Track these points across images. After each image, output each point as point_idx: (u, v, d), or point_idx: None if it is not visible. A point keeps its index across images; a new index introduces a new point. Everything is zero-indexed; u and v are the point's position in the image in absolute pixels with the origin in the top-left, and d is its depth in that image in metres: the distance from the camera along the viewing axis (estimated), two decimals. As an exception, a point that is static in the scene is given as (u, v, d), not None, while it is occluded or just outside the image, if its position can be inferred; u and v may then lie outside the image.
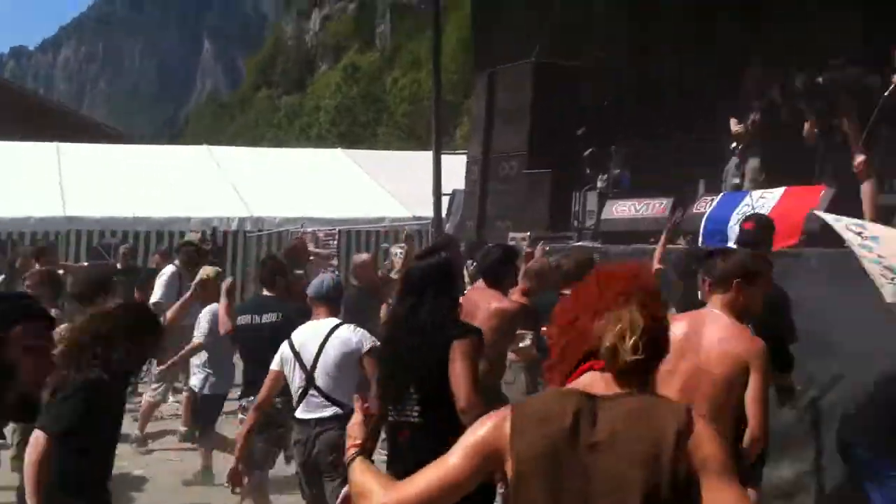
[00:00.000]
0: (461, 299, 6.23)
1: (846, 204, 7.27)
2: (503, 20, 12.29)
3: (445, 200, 12.99)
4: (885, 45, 7.57)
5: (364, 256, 9.13)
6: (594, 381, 2.20)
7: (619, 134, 10.48)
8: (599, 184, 10.19)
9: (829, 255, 6.43)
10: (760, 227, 5.98)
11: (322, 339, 5.15)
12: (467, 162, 12.71)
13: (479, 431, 2.19)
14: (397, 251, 10.11)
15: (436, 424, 3.82)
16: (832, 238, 5.55)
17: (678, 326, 4.19)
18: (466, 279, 7.85)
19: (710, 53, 10.12)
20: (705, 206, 8.40)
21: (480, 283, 6.00)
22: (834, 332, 5.69)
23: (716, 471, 2.08)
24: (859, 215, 7.12)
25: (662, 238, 7.04)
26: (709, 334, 4.01)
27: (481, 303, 5.63)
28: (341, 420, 4.77)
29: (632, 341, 2.14)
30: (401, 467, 3.53)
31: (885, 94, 7.41)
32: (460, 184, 12.86)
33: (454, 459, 2.17)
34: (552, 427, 2.12)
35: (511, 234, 10.36)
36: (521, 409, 2.20)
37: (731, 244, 7.52)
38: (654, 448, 2.08)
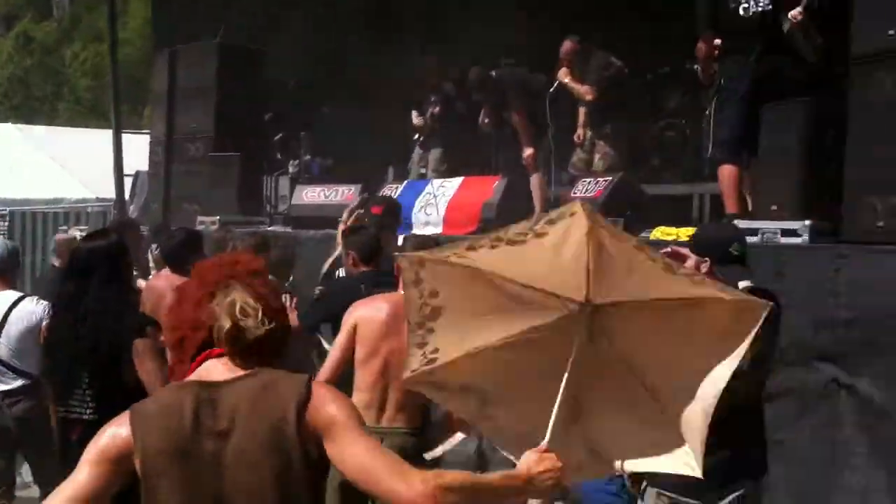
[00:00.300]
0: (146, 286, 6.11)
1: (517, 194, 7.87)
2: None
3: (129, 182, 12.46)
4: (551, 48, 8.27)
5: (68, 235, 8.63)
6: (213, 369, 2.17)
7: (309, 119, 10.57)
8: (290, 169, 10.24)
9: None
10: (388, 210, 6.38)
11: (3, 313, 5.04)
12: (150, 142, 12.24)
13: (100, 440, 2.13)
14: (77, 234, 9.60)
15: None
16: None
17: (382, 308, 4.38)
18: (152, 264, 7.66)
19: (391, 44, 10.46)
20: (391, 193, 8.71)
21: (166, 270, 5.88)
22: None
23: (339, 427, 2.10)
24: (530, 204, 7.75)
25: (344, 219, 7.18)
26: None
27: (167, 290, 5.51)
28: (28, 391, 4.86)
29: (253, 316, 2.13)
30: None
31: (550, 90, 8.10)
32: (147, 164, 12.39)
33: (82, 475, 2.10)
34: (173, 422, 2.09)
35: (199, 218, 10.15)
36: (139, 409, 2.15)
37: (416, 230, 7.92)
38: (277, 425, 2.08)
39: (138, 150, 12.14)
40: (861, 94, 5.35)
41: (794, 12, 6.63)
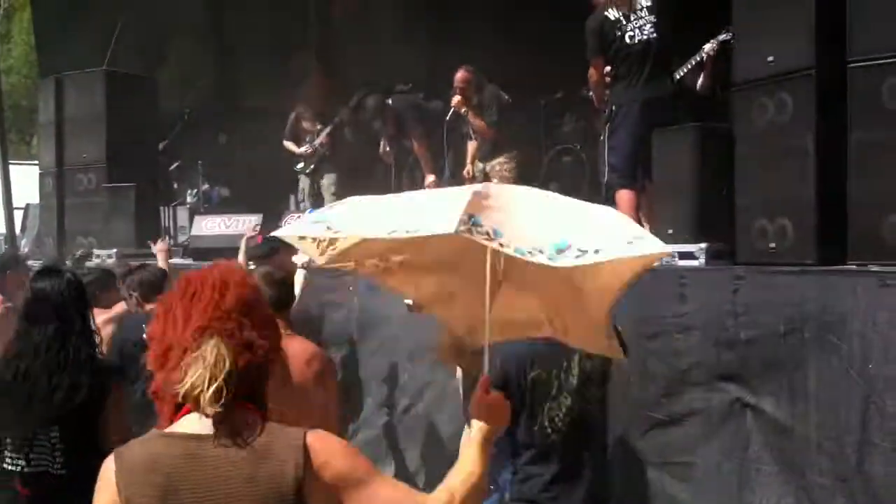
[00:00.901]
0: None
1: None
2: (70, 25, 11.61)
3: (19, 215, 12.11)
4: (447, 75, 8.39)
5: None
6: (199, 421, 2.12)
7: (206, 148, 10.46)
8: (189, 199, 10.12)
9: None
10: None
11: None
12: (40, 174, 11.90)
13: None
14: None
15: (83, 476, 3.63)
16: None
17: None
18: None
19: (286, 70, 10.46)
20: (294, 221, 8.68)
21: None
22: (423, 339, 5.95)
23: (351, 482, 2.11)
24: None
25: (241, 250, 7.14)
26: None
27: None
28: None
29: (212, 389, 2.05)
30: None
31: (447, 118, 8.22)
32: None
33: None
34: (160, 475, 2.06)
35: (96, 252, 9.95)
36: (124, 460, 2.13)
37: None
38: (276, 490, 2.06)
39: (29, 180, 11.78)
40: (744, 119, 5.63)
41: (709, 47, 7.00)
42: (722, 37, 7.01)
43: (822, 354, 4.62)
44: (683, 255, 5.70)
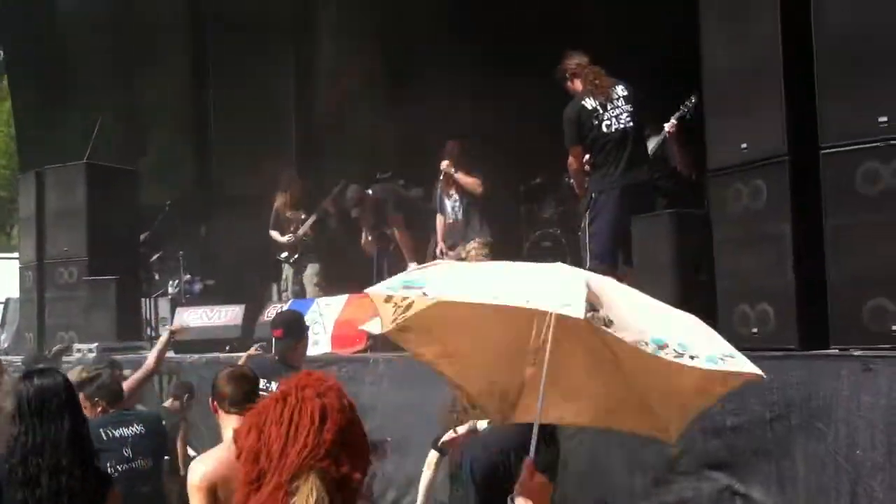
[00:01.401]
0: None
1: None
2: (51, 119, 11.71)
3: (-2, 310, 12.04)
4: (428, 161, 8.48)
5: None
6: None
7: (186, 239, 10.48)
8: (170, 290, 10.09)
9: (395, 361, 6.87)
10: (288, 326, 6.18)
11: None
12: (20, 268, 11.87)
13: None
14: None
15: None
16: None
17: (232, 464, 4.23)
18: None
19: (265, 162, 10.54)
20: (275, 313, 8.66)
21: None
22: (410, 432, 6.09)
23: None
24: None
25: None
26: None
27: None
28: None
29: None
30: None
31: (438, 179, 8.27)
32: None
33: None
34: None
35: (76, 346, 9.87)
36: None
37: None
38: None
39: (9, 273, 11.74)
40: (720, 204, 5.71)
41: (669, 125, 7.11)
42: (678, 113, 7.15)
43: (808, 440, 4.63)
44: (666, 341, 5.70)
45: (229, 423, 3.92)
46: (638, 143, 6.70)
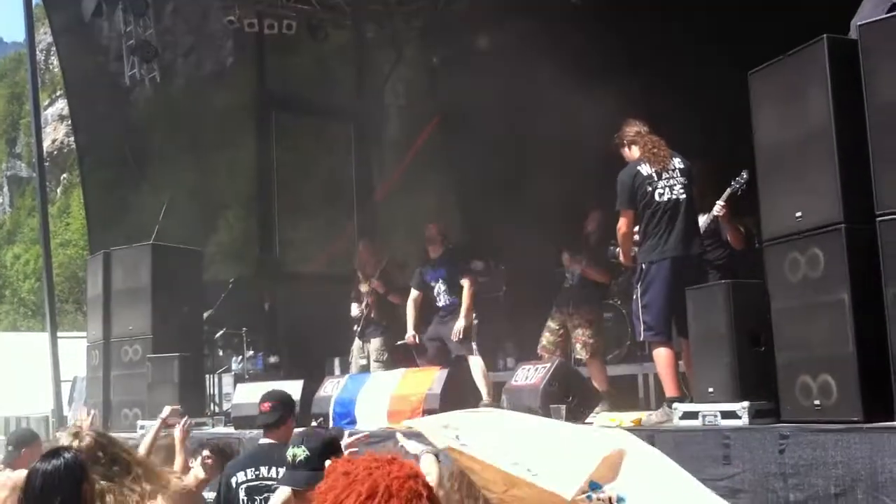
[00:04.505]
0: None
1: (460, 383, 7.95)
2: (120, 202, 12.09)
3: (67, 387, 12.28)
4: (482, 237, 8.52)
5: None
6: None
7: (250, 315, 10.63)
8: (234, 366, 10.21)
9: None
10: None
11: None
12: (87, 347, 12.14)
13: None
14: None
15: None
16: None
17: None
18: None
19: (328, 236, 10.72)
20: (332, 388, 8.70)
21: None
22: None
23: None
24: (475, 392, 7.82)
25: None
26: None
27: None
28: None
29: None
30: None
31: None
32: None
33: None
34: None
35: (140, 423, 10.00)
36: None
37: (360, 424, 7.91)
38: None
39: (77, 353, 11.99)
40: (777, 274, 5.62)
41: (717, 208, 7.03)
42: (730, 190, 7.08)
43: (875, 516, 4.45)
44: (726, 415, 5.60)
45: None
46: (690, 215, 6.63)
